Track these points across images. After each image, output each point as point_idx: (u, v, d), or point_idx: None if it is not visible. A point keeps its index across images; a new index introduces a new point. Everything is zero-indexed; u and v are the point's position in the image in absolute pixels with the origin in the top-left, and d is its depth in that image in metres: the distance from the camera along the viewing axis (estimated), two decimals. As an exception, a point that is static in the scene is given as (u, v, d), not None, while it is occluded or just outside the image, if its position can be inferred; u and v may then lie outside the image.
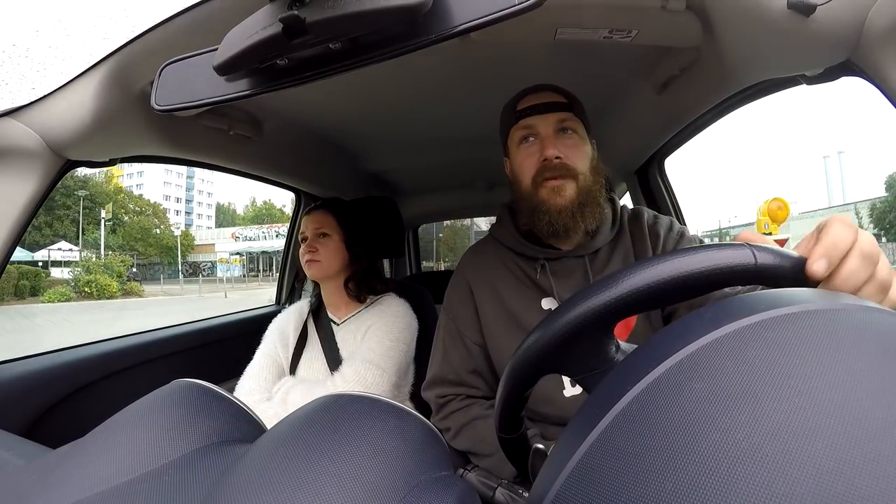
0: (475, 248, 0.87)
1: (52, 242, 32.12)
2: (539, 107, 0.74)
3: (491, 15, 0.29)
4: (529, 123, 0.74)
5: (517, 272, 0.78)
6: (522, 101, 0.76)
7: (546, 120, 0.73)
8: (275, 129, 1.16)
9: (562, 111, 0.73)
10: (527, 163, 0.74)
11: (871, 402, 0.15)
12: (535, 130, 0.74)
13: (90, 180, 36.12)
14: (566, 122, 0.73)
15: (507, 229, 0.82)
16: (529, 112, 0.74)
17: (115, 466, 0.27)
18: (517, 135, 0.76)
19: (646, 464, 0.17)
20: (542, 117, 0.73)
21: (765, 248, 0.30)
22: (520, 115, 0.75)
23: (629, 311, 0.32)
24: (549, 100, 0.74)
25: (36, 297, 21.34)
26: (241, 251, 36.64)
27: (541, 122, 0.73)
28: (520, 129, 0.75)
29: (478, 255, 0.85)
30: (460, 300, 0.82)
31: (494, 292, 0.78)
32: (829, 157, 52.95)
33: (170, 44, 0.63)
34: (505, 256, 0.81)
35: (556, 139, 0.73)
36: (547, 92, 0.76)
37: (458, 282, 0.84)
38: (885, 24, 0.49)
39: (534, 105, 0.74)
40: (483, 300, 0.79)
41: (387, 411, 0.30)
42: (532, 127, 0.74)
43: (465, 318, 0.81)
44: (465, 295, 0.82)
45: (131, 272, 30.34)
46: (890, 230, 25.44)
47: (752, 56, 0.67)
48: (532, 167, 0.73)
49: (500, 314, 0.77)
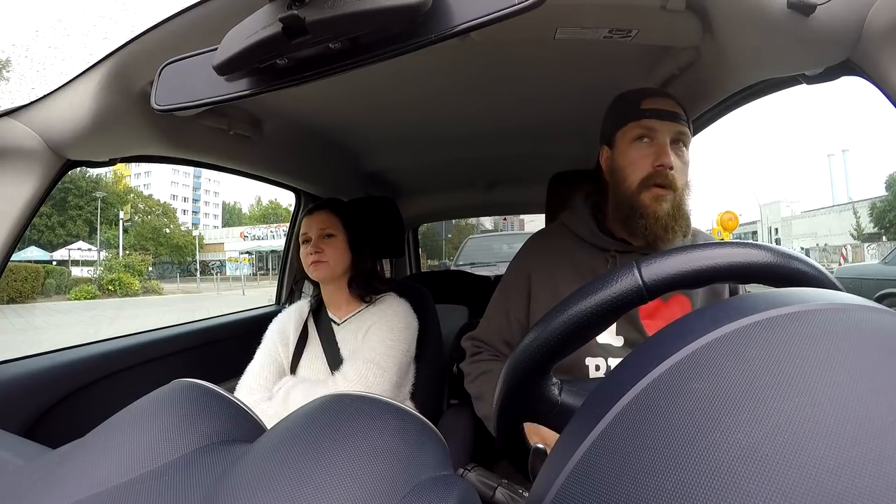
0: (543, 232, 0.91)
1: (66, 242, 32.27)
2: (665, 113, 0.74)
3: (491, 15, 0.29)
4: (653, 126, 0.74)
5: (580, 263, 0.80)
6: (647, 101, 0.76)
7: (668, 127, 0.74)
8: (275, 129, 1.16)
9: (682, 124, 0.74)
10: (640, 163, 0.74)
11: (872, 402, 0.15)
12: (656, 134, 0.74)
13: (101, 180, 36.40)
14: (683, 136, 0.75)
15: (582, 219, 0.83)
16: (655, 115, 0.74)
17: (116, 466, 0.27)
18: (635, 132, 0.76)
19: (646, 464, 0.17)
20: (665, 124, 0.74)
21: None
22: (644, 114, 0.75)
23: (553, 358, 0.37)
24: (672, 108, 0.75)
25: (60, 296, 21.51)
26: (250, 250, 36.75)
27: (663, 127, 0.74)
28: (640, 128, 0.75)
29: (544, 240, 0.88)
30: (515, 281, 0.87)
31: (552, 280, 0.80)
32: (834, 155, 52.92)
33: (170, 44, 0.63)
34: (571, 246, 0.82)
35: (672, 149, 0.74)
36: (669, 100, 0.76)
37: (518, 264, 0.88)
38: (885, 24, 0.49)
39: (661, 110, 0.74)
40: (540, 286, 0.82)
41: (387, 411, 0.30)
42: (654, 129, 0.74)
43: (516, 298, 0.86)
44: (521, 276, 0.85)
45: (149, 271, 30.62)
46: (890, 229, 25.44)
47: (752, 56, 0.67)
48: (644, 169, 0.74)
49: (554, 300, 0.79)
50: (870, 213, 26.94)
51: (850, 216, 28.87)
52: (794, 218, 34.55)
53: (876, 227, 26.52)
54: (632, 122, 0.76)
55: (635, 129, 0.76)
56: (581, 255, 0.80)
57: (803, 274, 0.33)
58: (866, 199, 29.81)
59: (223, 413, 0.32)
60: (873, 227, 26.71)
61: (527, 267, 0.85)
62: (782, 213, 35.66)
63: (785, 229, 33.76)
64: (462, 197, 2.08)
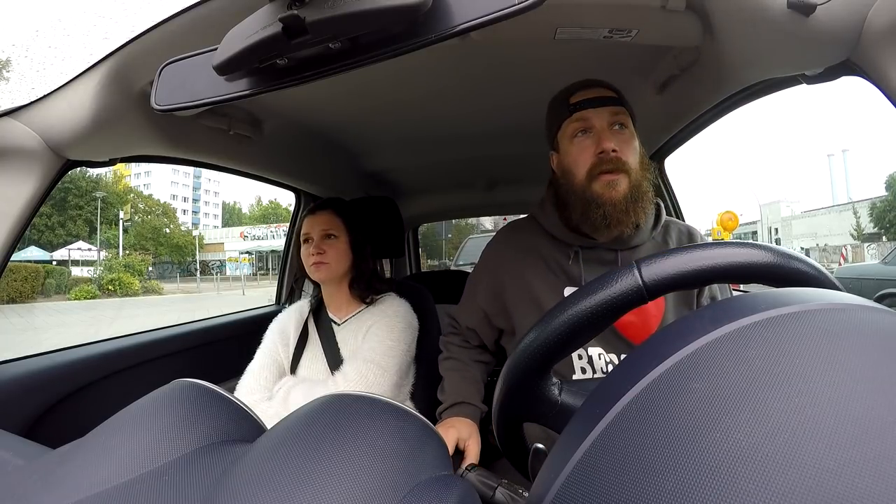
0: (514, 224, 0.91)
1: (66, 242, 32.30)
2: (594, 100, 0.74)
3: (491, 15, 0.29)
4: (585, 116, 0.74)
5: (548, 257, 0.80)
6: (575, 95, 0.76)
7: (601, 114, 0.73)
8: (275, 129, 1.16)
9: (615, 105, 0.74)
10: (582, 156, 0.74)
11: (872, 402, 0.15)
12: (591, 123, 0.74)
13: (101, 180, 36.46)
14: (619, 116, 0.74)
15: (548, 214, 0.83)
16: (585, 105, 0.74)
17: (116, 466, 0.27)
18: (571, 128, 0.76)
19: (646, 464, 0.17)
20: (597, 111, 0.73)
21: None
22: (574, 108, 0.75)
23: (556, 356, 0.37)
24: (601, 94, 0.74)
25: (60, 296, 21.54)
26: (250, 250, 36.79)
27: (596, 115, 0.73)
28: (574, 122, 0.75)
29: (515, 232, 0.88)
30: (486, 268, 0.89)
31: (520, 272, 0.81)
32: (834, 155, 52.91)
33: (170, 44, 0.63)
34: (540, 240, 0.83)
35: (611, 133, 0.73)
36: (597, 87, 0.76)
37: (490, 253, 0.90)
38: (884, 24, 0.49)
39: (590, 98, 0.74)
40: (509, 276, 0.83)
41: (387, 411, 0.30)
42: (587, 119, 0.74)
43: (484, 284, 0.87)
44: (492, 265, 0.87)
45: (148, 271, 30.70)
46: (890, 229, 25.43)
47: (752, 56, 0.67)
48: (587, 160, 0.73)
49: (523, 294, 0.80)
50: (870, 213, 26.93)
51: (850, 216, 28.87)
52: (794, 218, 34.54)
53: (876, 227, 26.51)
54: (566, 120, 0.77)
55: (571, 126, 0.76)
56: (548, 248, 0.81)
57: (803, 274, 0.33)
58: (866, 199, 29.81)
59: (223, 413, 0.32)
60: (873, 227, 26.71)
61: (498, 257, 0.87)
62: (782, 213, 35.67)
63: (785, 229, 33.77)
64: (462, 197, 2.08)
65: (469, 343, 0.92)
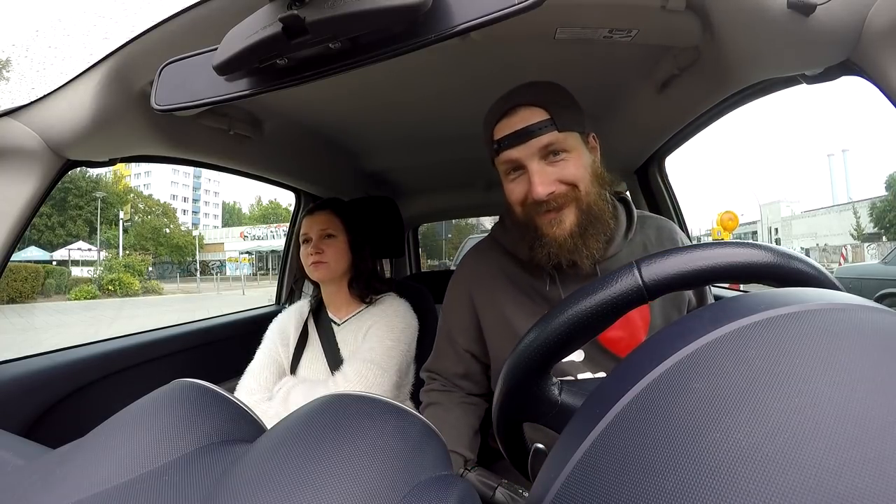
0: (477, 249, 0.83)
1: (66, 242, 32.37)
2: (520, 134, 0.64)
3: (491, 15, 0.29)
4: (510, 156, 0.66)
5: (520, 282, 0.74)
6: (499, 127, 0.68)
7: (529, 149, 0.65)
8: (275, 129, 1.16)
9: (543, 133, 0.64)
10: (517, 195, 0.68)
11: (872, 402, 0.15)
12: (520, 163, 0.66)
13: (101, 180, 36.49)
14: (551, 145, 0.64)
15: (511, 234, 0.75)
16: (509, 142, 0.65)
17: (116, 466, 0.27)
18: (501, 167, 0.70)
19: (646, 464, 0.17)
20: (522, 148, 0.65)
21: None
22: (499, 147, 0.67)
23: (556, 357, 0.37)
24: (527, 122, 0.64)
25: (60, 296, 21.55)
26: (250, 250, 36.79)
27: (523, 152, 0.65)
28: (503, 163, 0.69)
29: (479, 259, 0.80)
30: (457, 305, 0.81)
31: (494, 301, 0.75)
32: (834, 155, 52.94)
33: (170, 44, 0.63)
34: (508, 263, 0.76)
35: (544, 169, 0.65)
36: (523, 109, 0.65)
37: (457, 286, 0.82)
38: (884, 24, 0.49)
39: (514, 132, 0.65)
40: (483, 307, 0.77)
41: (387, 411, 0.30)
42: (514, 160, 0.66)
43: (460, 324, 0.80)
44: (463, 300, 0.80)
45: (148, 271, 30.75)
46: (890, 229, 25.44)
47: (752, 56, 0.67)
48: (522, 200, 0.68)
49: (501, 325, 0.74)
50: (870, 213, 26.94)
51: (850, 216, 28.88)
52: (794, 218, 34.54)
53: (876, 227, 26.52)
54: (495, 158, 0.70)
55: (500, 166, 0.70)
56: (518, 273, 0.74)
57: (803, 274, 0.33)
58: (866, 199, 29.83)
59: (223, 413, 0.32)
60: (873, 227, 26.71)
61: (467, 288, 0.79)
62: (782, 213, 35.68)
63: (785, 229, 33.77)
64: (462, 197, 2.08)
65: (454, 385, 0.82)
